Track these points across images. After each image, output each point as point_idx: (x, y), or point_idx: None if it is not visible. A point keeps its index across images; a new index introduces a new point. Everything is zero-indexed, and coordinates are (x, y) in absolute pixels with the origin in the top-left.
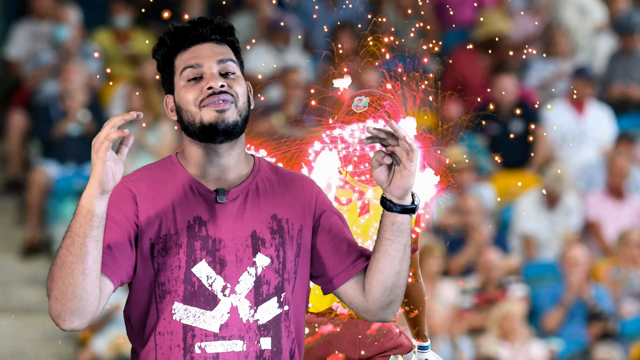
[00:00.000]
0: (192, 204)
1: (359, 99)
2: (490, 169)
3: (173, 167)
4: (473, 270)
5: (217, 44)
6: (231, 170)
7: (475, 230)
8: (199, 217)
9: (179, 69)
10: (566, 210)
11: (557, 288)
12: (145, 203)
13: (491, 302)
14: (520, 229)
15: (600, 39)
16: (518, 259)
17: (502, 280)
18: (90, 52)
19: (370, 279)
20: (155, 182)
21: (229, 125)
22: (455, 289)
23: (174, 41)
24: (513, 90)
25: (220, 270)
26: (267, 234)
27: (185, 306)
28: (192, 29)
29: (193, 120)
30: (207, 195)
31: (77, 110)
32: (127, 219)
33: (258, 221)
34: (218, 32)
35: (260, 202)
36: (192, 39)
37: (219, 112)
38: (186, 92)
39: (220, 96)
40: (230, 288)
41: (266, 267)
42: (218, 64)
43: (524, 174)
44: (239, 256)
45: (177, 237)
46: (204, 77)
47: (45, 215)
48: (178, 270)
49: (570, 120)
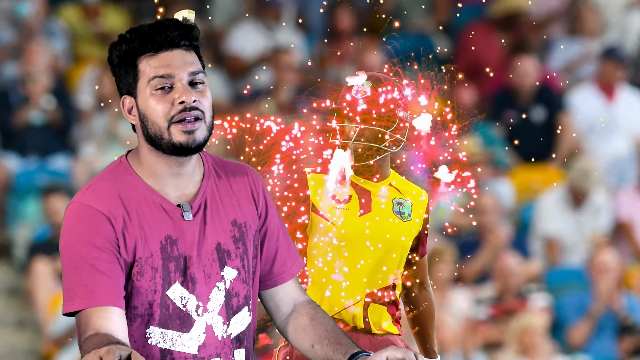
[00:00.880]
0: (160, 222)
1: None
2: (508, 162)
3: (132, 180)
4: (489, 277)
5: (186, 50)
6: (189, 177)
7: (491, 232)
8: (169, 236)
9: (145, 75)
10: (594, 209)
11: (584, 297)
12: (120, 225)
13: (509, 313)
14: (542, 231)
15: (632, 16)
16: (540, 264)
17: (522, 288)
18: (56, 30)
19: (295, 342)
20: (121, 199)
21: (200, 144)
22: (468, 299)
23: (139, 42)
24: (534, 73)
25: (192, 288)
26: (230, 244)
27: (162, 330)
28: (160, 32)
29: (161, 135)
30: (173, 212)
31: (40, 95)
32: (109, 244)
33: (221, 231)
34: (187, 38)
35: (219, 208)
36: (160, 44)
37: (188, 132)
38: (156, 104)
39: (191, 113)
40: (203, 306)
41: (234, 279)
42: (189, 75)
43: (546, 168)
44: (206, 272)
45: (152, 260)
46: (174, 88)
47: (4, 215)
48: (154, 294)
49: (598, 107)
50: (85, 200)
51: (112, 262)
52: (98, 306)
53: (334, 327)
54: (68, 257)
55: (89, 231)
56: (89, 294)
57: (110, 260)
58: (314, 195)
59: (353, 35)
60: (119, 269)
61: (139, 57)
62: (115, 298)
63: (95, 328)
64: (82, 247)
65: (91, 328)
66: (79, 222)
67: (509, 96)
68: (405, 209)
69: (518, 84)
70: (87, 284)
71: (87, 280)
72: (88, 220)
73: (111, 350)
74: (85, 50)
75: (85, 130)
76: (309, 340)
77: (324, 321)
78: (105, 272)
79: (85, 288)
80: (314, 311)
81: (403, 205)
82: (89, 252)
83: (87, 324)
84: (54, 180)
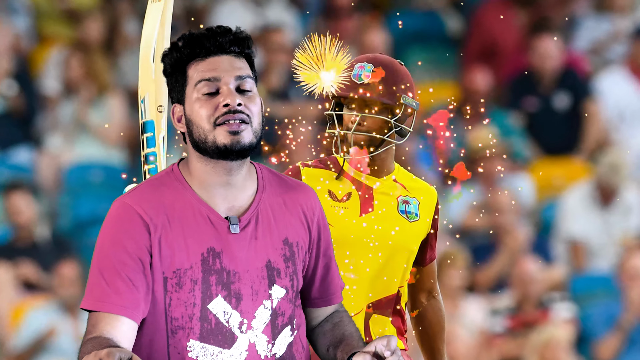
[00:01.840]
0: (204, 233)
1: (360, 67)
2: (527, 155)
3: (180, 188)
4: (506, 285)
5: (235, 57)
6: (239, 188)
7: (509, 234)
8: (213, 248)
9: (192, 80)
10: (624, 209)
11: (613, 307)
12: (158, 233)
13: (529, 325)
14: (566, 232)
15: None
16: (563, 270)
17: (543, 297)
18: (18, 6)
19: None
20: (165, 206)
21: (245, 147)
22: (483, 309)
23: (189, 48)
24: (557, 55)
25: (236, 304)
26: (281, 262)
27: (202, 344)
28: (210, 37)
29: (205, 138)
30: (219, 224)
31: (0, 80)
32: (141, 251)
33: (271, 248)
34: (237, 44)
35: (271, 225)
36: (209, 49)
37: (233, 133)
38: (200, 107)
39: (235, 115)
40: (247, 324)
41: (281, 298)
42: (236, 80)
43: (570, 161)
44: (254, 289)
45: (192, 272)
46: (220, 93)
47: None
48: (193, 307)
49: (629, 93)
50: (128, 199)
51: (137, 270)
52: (110, 313)
53: (352, 332)
54: (98, 253)
55: (123, 232)
56: (105, 297)
57: (136, 268)
58: None
59: (353, 13)
60: (143, 279)
61: (189, 63)
62: (129, 308)
63: (100, 332)
64: (112, 247)
65: (96, 331)
66: (116, 221)
67: (529, 81)
68: (411, 208)
69: (539, 66)
70: (107, 286)
71: (108, 282)
72: (125, 221)
73: (111, 352)
74: (50, 30)
75: (51, 119)
76: (326, 344)
77: (346, 327)
78: (128, 279)
79: (103, 290)
80: (338, 318)
81: (409, 203)
82: (117, 255)
83: (94, 326)
84: (16, 176)
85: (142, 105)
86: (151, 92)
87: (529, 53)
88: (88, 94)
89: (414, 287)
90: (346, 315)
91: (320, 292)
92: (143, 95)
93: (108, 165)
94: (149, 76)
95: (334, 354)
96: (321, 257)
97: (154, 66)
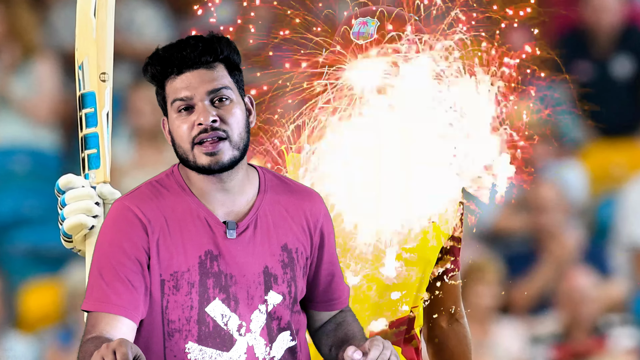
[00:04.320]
0: (202, 236)
1: (362, 23)
2: (578, 137)
3: (180, 191)
4: (550, 305)
5: (208, 69)
6: (237, 193)
7: (554, 239)
8: (210, 251)
9: (169, 98)
10: None
11: None
12: (156, 235)
13: (581, 356)
14: (627, 237)
15: None
16: (624, 285)
17: (599, 320)
18: None
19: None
20: (164, 209)
21: (225, 164)
22: (521, 335)
23: (159, 66)
24: (616, 8)
25: (234, 307)
26: (278, 269)
27: (201, 347)
28: (177, 52)
29: (187, 157)
30: (217, 228)
31: None
32: (139, 252)
33: (269, 254)
34: (208, 53)
35: (270, 230)
36: (180, 65)
37: (210, 155)
38: (178, 127)
39: (210, 134)
40: (246, 326)
41: (278, 304)
42: (209, 94)
43: (633, 145)
44: (250, 294)
45: (189, 275)
46: (195, 109)
47: None
48: (190, 310)
49: None
50: (127, 201)
51: (136, 272)
52: (109, 313)
53: (355, 332)
54: (96, 254)
55: (122, 233)
56: (104, 297)
57: (135, 269)
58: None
59: None
60: (141, 280)
61: (165, 80)
62: (128, 309)
63: (100, 332)
64: (110, 248)
65: (95, 331)
66: (114, 222)
67: (581, 41)
68: None
69: (594, 23)
70: (106, 287)
71: (107, 283)
72: (124, 222)
73: (123, 342)
74: None
75: None
76: (329, 344)
77: (349, 327)
78: (127, 280)
79: (103, 291)
80: (342, 317)
81: None
82: (115, 255)
83: (94, 326)
84: None
85: (79, 73)
86: (92, 56)
87: (581, 7)
88: (10, 57)
89: (432, 308)
90: (350, 315)
91: (324, 297)
92: (81, 60)
93: (36, 149)
94: (89, 35)
95: (336, 354)
96: (324, 264)
97: (96, 22)
